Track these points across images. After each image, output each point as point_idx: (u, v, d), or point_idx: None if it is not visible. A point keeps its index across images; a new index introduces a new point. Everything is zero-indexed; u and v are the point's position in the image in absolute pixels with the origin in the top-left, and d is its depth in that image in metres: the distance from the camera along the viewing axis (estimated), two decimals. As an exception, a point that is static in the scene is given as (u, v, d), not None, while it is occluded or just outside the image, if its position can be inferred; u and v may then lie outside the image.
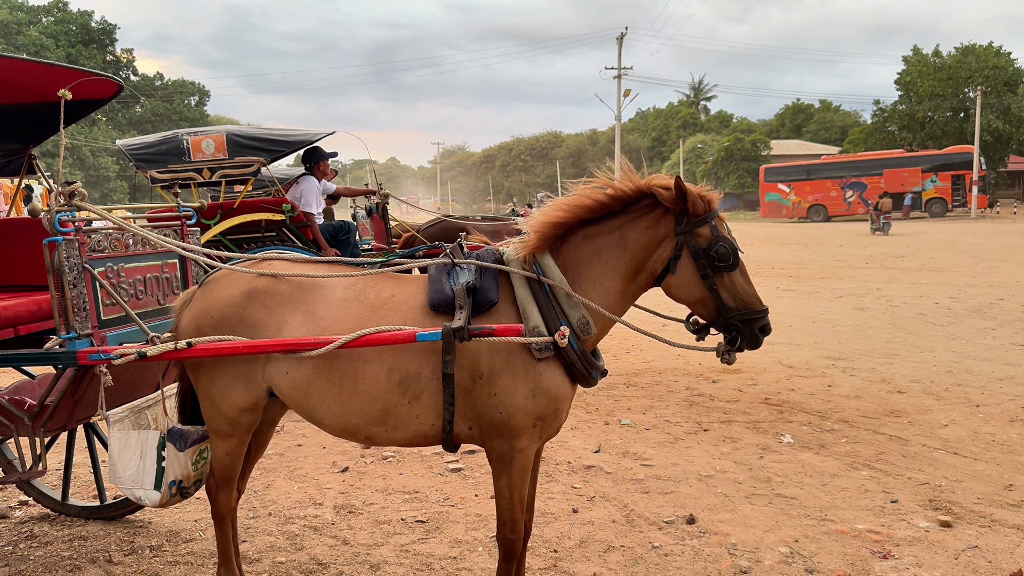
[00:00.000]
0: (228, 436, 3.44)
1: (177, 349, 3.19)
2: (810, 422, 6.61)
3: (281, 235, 7.25)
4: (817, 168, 50.24)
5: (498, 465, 3.25)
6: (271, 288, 3.34)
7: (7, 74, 3.86)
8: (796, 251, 25.42)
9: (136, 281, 3.70)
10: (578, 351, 3.15)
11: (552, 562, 4.21)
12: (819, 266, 20.00)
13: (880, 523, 4.62)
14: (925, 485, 5.18)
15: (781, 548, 4.33)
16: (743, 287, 3.19)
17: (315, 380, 3.22)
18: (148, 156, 7.03)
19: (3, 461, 4.91)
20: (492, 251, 3.36)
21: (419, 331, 3.05)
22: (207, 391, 3.40)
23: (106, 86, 4.25)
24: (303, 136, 7.47)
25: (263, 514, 4.93)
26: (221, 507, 3.58)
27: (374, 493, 5.23)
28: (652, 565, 4.17)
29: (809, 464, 5.61)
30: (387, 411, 3.21)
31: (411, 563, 4.22)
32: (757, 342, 3.22)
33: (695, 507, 4.89)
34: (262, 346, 3.17)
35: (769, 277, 18.00)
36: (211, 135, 7.00)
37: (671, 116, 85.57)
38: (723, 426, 6.55)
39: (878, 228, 32.73)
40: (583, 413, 6.99)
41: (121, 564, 4.23)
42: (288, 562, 4.24)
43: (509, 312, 3.20)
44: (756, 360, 9.03)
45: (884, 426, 6.44)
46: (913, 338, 10.07)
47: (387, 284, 3.39)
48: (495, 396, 3.13)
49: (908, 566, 4.08)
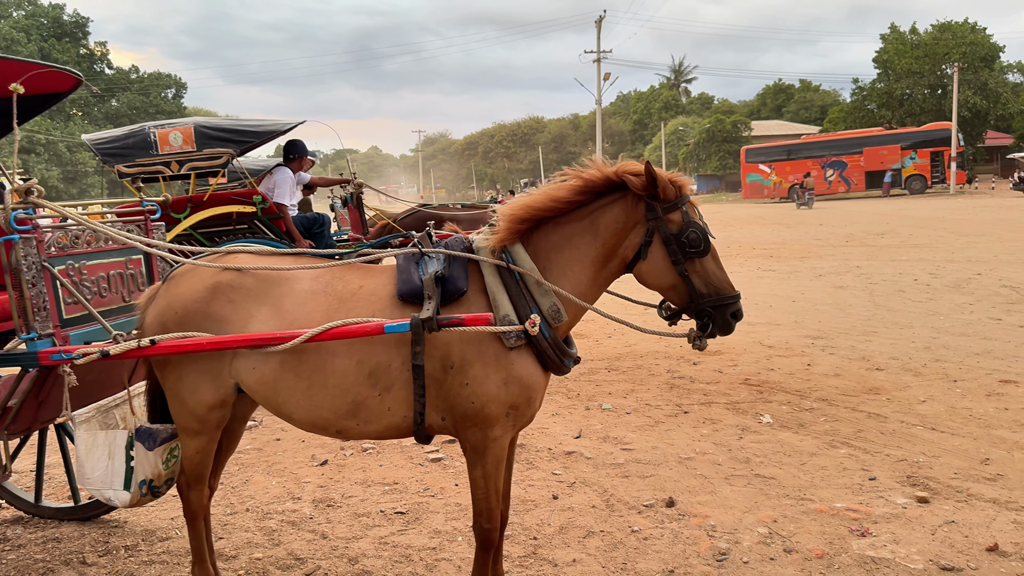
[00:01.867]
0: (197, 434, 3.39)
1: (140, 347, 3.13)
2: (789, 401, 6.63)
3: (253, 228, 7.16)
4: (797, 148, 50.39)
5: (472, 455, 3.23)
6: (236, 282, 3.28)
7: None
8: (777, 231, 25.50)
9: (99, 278, 3.63)
10: (550, 339, 3.12)
11: (532, 549, 4.20)
12: (800, 245, 20.07)
13: (858, 501, 4.63)
14: (903, 462, 5.20)
15: (760, 528, 4.33)
16: (715, 273, 3.17)
17: (283, 375, 3.18)
18: (114, 150, 6.91)
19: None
20: (461, 240, 3.32)
21: (387, 323, 3.01)
22: (174, 389, 3.35)
23: (64, 79, 4.17)
24: (273, 126, 7.37)
25: (240, 510, 4.88)
26: (193, 505, 3.53)
27: (353, 486, 5.19)
28: (631, 549, 4.16)
29: (788, 443, 5.62)
30: (358, 404, 3.17)
31: (390, 555, 4.20)
32: (729, 327, 3.20)
33: (675, 490, 4.89)
34: (227, 342, 3.11)
35: (750, 258, 18.05)
36: (179, 127, 6.90)
37: (652, 99, 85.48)
38: (703, 408, 6.55)
39: (803, 203, 38.43)
40: (564, 399, 6.98)
41: (95, 565, 4.18)
42: (265, 558, 4.20)
43: (479, 301, 3.16)
44: (736, 341, 9.03)
45: (863, 404, 6.47)
46: (892, 315, 10.12)
47: (355, 275, 3.34)
48: (467, 386, 3.10)
49: (886, 543, 4.10)
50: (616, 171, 3.17)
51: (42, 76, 3.94)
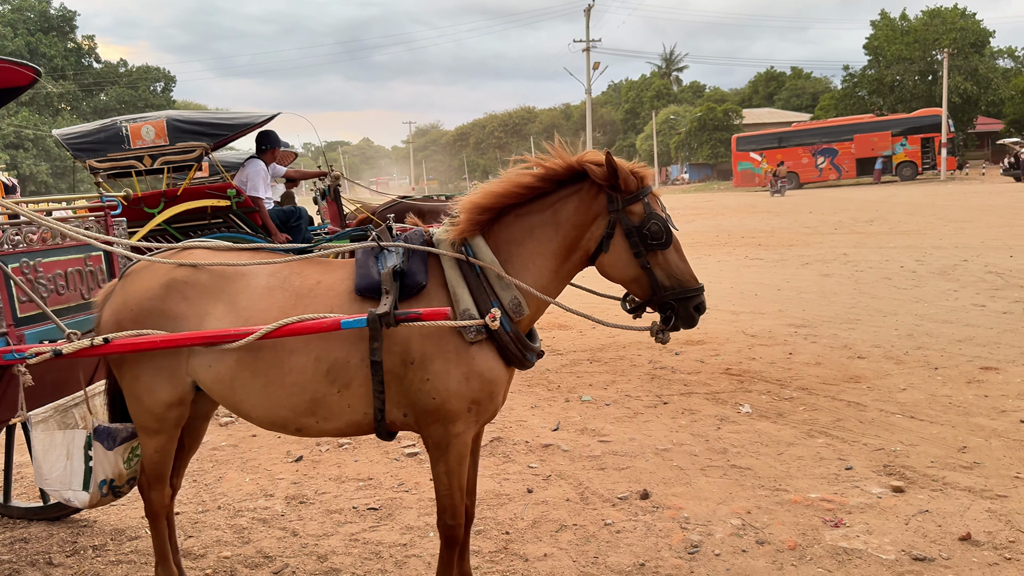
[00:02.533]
0: (156, 433, 3.34)
1: (94, 346, 3.07)
2: (769, 391, 6.60)
3: (228, 221, 7.08)
4: (788, 136, 50.34)
5: (435, 451, 3.18)
6: (191, 279, 3.22)
7: None
8: (767, 219, 25.48)
9: (56, 276, 3.57)
10: (511, 333, 3.08)
11: (503, 544, 4.16)
12: (788, 233, 20.05)
13: (833, 491, 4.61)
14: (880, 451, 5.18)
15: (733, 520, 4.30)
16: (677, 265, 3.13)
17: (239, 373, 3.12)
18: (86, 145, 6.82)
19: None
20: (421, 233, 3.26)
21: (344, 318, 2.96)
22: (131, 388, 3.29)
23: (21, 74, 4.08)
24: (247, 119, 7.29)
25: (212, 507, 4.84)
26: (154, 505, 3.49)
27: (327, 482, 5.15)
28: (603, 543, 4.13)
29: (766, 433, 5.59)
30: (316, 402, 3.12)
31: (359, 552, 4.16)
32: (692, 321, 3.16)
33: (650, 482, 4.86)
34: (180, 339, 3.06)
35: (738, 246, 18.03)
36: (151, 121, 6.81)
37: (644, 88, 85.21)
38: (683, 398, 6.52)
39: (776, 191, 40.92)
40: (544, 391, 6.94)
41: (62, 566, 4.13)
42: (233, 556, 4.16)
43: (439, 295, 3.11)
44: (719, 330, 9.02)
45: (843, 392, 6.44)
46: (877, 302, 10.10)
47: (314, 270, 3.29)
48: (428, 381, 3.05)
49: (859, 533, 4.07)
50: (578, 160, 3.12)
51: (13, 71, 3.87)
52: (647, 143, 72.06)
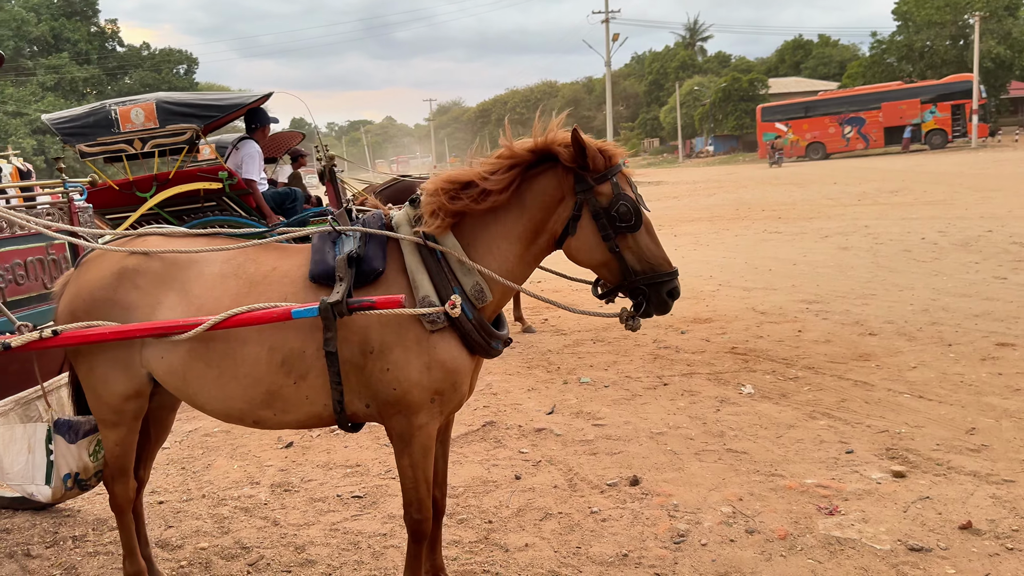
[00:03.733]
0: (115, 425, 3.25)
1: (43, 338, 2.98)
2: (774, 370, 6.41)
3: (222, 204, 6.99)
4: (815, 105, 49.37)
5: (399, 443, 3.06)
6: (142, 267, 3.11)
7: None
8: (789, 191, 25.01)
9: (15, 265, 3.49)
10: (474, 320, 2.93)
11: (485, 533, 4.05)
12: (810, 206, 19.65)
13: (831, 476, 4.44)
14: (884, 433, 4.99)
15: (724, 508, 4.15)
16: (649, 248, 2.95)
17: (192, 364, 3.02)
18: (75, 129, 6.74)
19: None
20: (380, 216, 3.12)
21: (295, 308, 2.83)
22: (87, 379, 3.20)
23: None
24: (238, 99, 7.16)
25: (197, 496, 4.77)
26: (119, 498, 3.40)
27: (315, 469, 5.07)
28: (587, 532, 4.01)
29: (766, 415, 5.42)
30: (272, 393, 3.01)
31: (338, 542, 4.07)
32: (665, 307, 3.00)
33: (641, 467, 4.72)
34: (129, 331, 2.95)
35: (757, 220, 17.69)
36: (140, 104, 6.70)
37: (668, 59, 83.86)
38: (684, 379, 6.35)
39: (774, 162, 43.52)
40: (543, 373, 6.81)
41: (40, 558, 4.08)
42: (210, 547, 4.09)
43: (399, 281, 2.98)
44: (729, 307, 8.82)
45: (850, 371, 6.24)
46: (894, 276, 9.82)
47: (270, 256, 3.16)
48: (388, 371, 2.92)
49: (853, 522, 3.91)
50: (545, 141, 2.96)
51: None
52: (671, 115, 71.09)
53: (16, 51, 50.63)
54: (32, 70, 51.01)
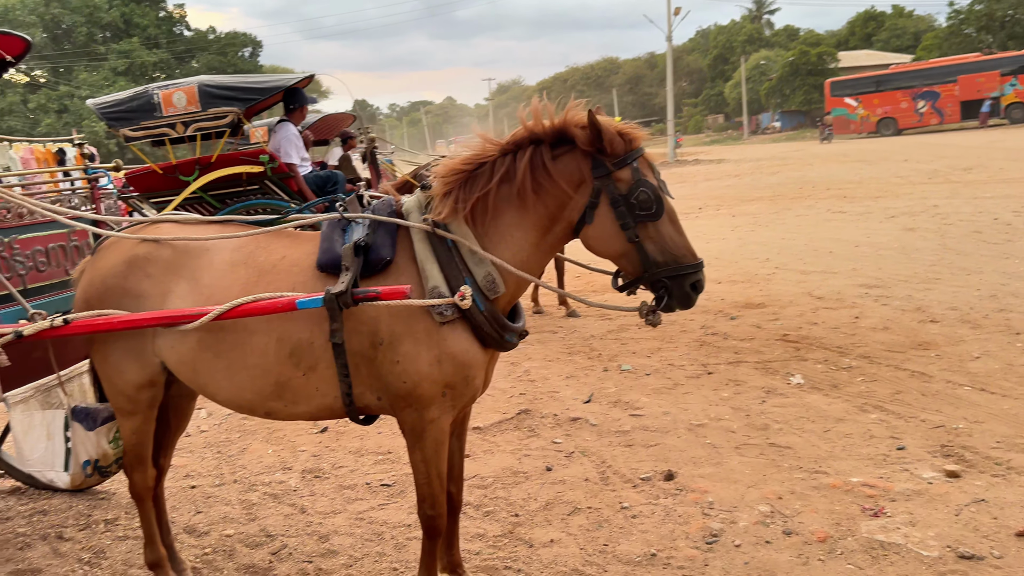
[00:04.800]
0: (131, 414, 3.23)
1: (54, 327, 2.96)
2: (827, 359, 6.13)
3: (264, 188, 6.99)
4: (887, 79, 47.44)
5: (410, 437, 2.97)
6: (153, 255, 3.07)
7: None
8: (856, 168, 24.10)
9: (36, 252, 3.48)
10: (486, 312, 2.80)
11: (510, 527, 3.94)
12: (877, 184, 18.88)
13: (879, 475, 4.19)
14: (940, 428, 4.70)
15: (762, 506, 3.96)
16: (672, 238, 2.77)
17: (201, 354, 2.97)
18: (119, 114, 6.80)
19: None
20: (390, 202, 3.01)
21: (300, 298, 2.75)
22: (102, 368, 3.19)
23: (13, 44, 3.98)
24: (279, 82, 7.13)
25: (229, 481, 4.78)
26: (137, 487, 3.39)
27: (346, 455, 5.03)
28: (616, 528, 3.86)
29: (814, 408, 5.17)
30: (282, 385, 2.94)
31: (362, 532, 4.01)
32: (689, 300, 2.81)
33: (677, 461, 4.54)
34: (138, 320, 2.91)
35: (821, 199, 17.09)
36: (182, 87, 6.72)
37: (733, 33, 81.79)
38: (730, 368, 6.12)
39: (825, 138, 44.43)
40: (584, 359, 6.65)
41: (71, 540, 4.12)
42: (236, 535, 4.08)
43: (409, 271, 2.87)
44: (784, 291, 8.50)
45: (908, 361, 5.92)
46: (961, 259, 9.32)
47: (280, 244, 3.09)
48: (398, 364, 2.83)
49: (899, 525, 3.67)
50: (562, 122, 2.80)
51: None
52: (736, 91, 69.43)
53: (89, 37, 52.07)
54: (104, 55, 52.43)
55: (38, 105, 44.75)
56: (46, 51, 48.42)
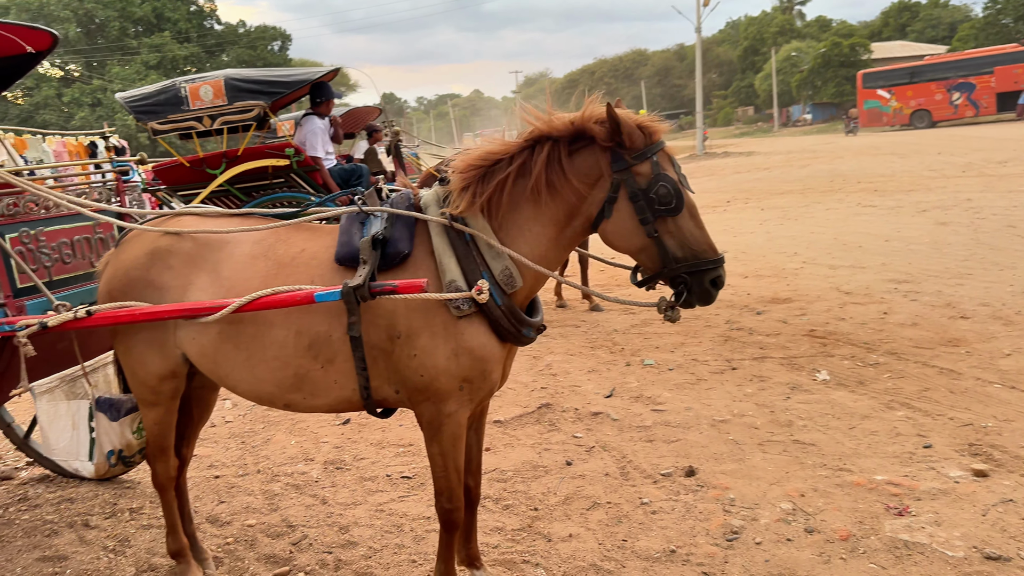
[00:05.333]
0: (153, 405, 3.27)
1: (77, 318, 3.00)
2: (854, 355, 6.04)
3: (290, 181, 7.03)
4: (921, 70, 46.58)
5: (428, 431, 2.98)
6: (174, 247, 3.10)
7: None
8: (888, 161, 23.73)
9: (61, 245, 3.53)
10: (504, 307, 2.80)
11: (528, 521, 3.94)
12: (909, 177, 18.56)
13: (904, 473, 4.13)
14: (968, 427, 4.62)
15: (784, 504, 3.92)
16: (692, 233, 2.74)
17: (222, 346, 2.99)
18: (147, 107, 6.88)
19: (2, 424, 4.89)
20: (408, 196, 3.01)
21: (318, 291, 2.76)
22: (125, 360, 3.23)
23: (41, 38, 4.03)
24: (304, 76, 7.17)
25: (252, 471, 4.83)
26: (160, 477, 3.43)
27: (368, 447, 5.06)
28: (635, 524, 3.84)
29: (840, 404, 5.10)
30: (300, 377, 2.96)
31: (382, 524, 4.03)
32: (709, 296, 2.78)
33: (699, 457, 4.51)
34: (158, 312, 2.94)
35: (852, 192, 16.85)
36: (209, 81, 6.78)
37: (764, 24, 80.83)
38: (755, 363, 6.06)
39: (849, 131, 44.66)
40: (606, 354, 6.61)
41: (97, 528, 4.18)
42: (257, 525, 4.12)
43: (426, 265, 2.86)
44: (811, 286, 8.39)
45: (937, 358, 5.82)
46: (994, 254, 9.13)
47: (300, 237, 3.10)
48: (415, 358, 2.83)
49: (924, 524, 3.61)
50: (580, 117, 2.78)
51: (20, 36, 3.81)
52: (766, 82, 68.62)
53: (121, 31, 52.74)
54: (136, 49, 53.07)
55: (72, 99, 45.43)
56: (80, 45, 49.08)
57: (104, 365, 3.77)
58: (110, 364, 3.81)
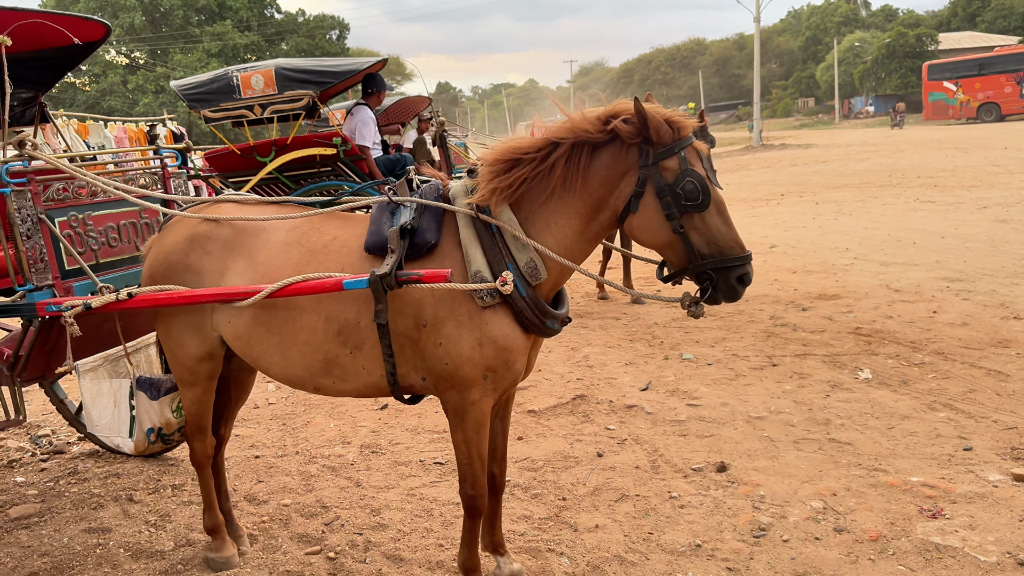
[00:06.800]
0: (191, 385, 3.38)
1: (119, 300, 3.12)
2: (899, 354, 5.92)
3: (336, 170, 7.15)
4: (990, 61, 45.02)
5: (453, 418, 3.03)
6: (212, 233, 3.20)
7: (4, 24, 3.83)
8: (951, 156, 23.05)
9: (108, 229, 3.66)
10: (528, 298, 2.82)
11: (556, 511, 3.97)
12: (972, 172, 18.02)
13: (941, 475, 4.05)
14: (1012, 430, 4.50)
15: (814, 502, 3.88)
16: (719, 230, 2.73)
17: (255, 330, 3.09)
18: (200, 95, 7.06)
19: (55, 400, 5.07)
20: (437, 186, 3.05)
21: (346, 278, 2.82)
22: (165, 341, 3.35)
23: (94, 29, 4.18)
24: (353, 66, 7.26)
25: (291, 452, 4.95)
26: (197, 455, 3.54)
27: (403, 432, 5.14)
28: (662, 518, 3.84)
29: (880, 404, 5.01)
30: (330, 362, 3.03)
31: (412, 508, 4.11)
32: (735, 293, 2.77)
33: (732, 453, 4.48)
34: (195, 296, 3.05)
35: (911, 187, 16.43)
36: (260, 70, 6.92)
37: (827, 13, 79.00)
38: (796, 360, 5.98)
39: (896, 124, 45.11)
40: (645, 347, 6.59)
41: (140, 503, 4.34)
42: (293, 504, 4.23)
43: (453, 255, 2.91)
44: (860, 283, 8.23)
45: (985, 359, 5.67)
46: (1055, 254, 8.84)
47: (332, 226, 3.17)
48: (440, 346, 2.88)
49: (957, 528, 3.54)
50: (607, 112, 2.79)
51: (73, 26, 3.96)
52: (828, 73, 67.13)
53: (185, 20, 53.91)
54: (199, 37, 54.22)
55: (136, 86, 46.65)
56: (144, 33, 50.33)
57: (147, 346, 3.91)
58: (152, 345, 3.96)
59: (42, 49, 4.25)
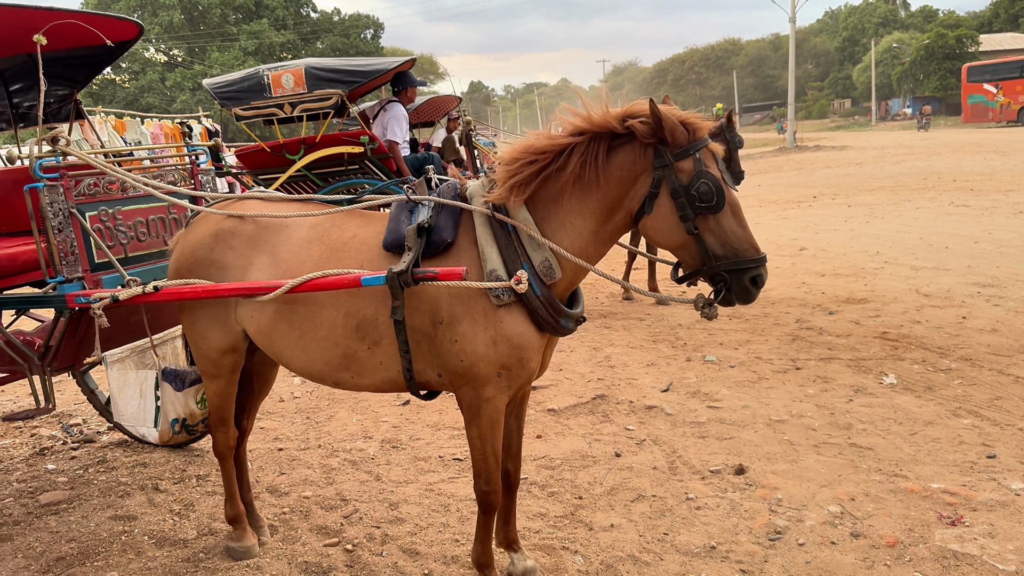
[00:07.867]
0: (215, 377, 3.46)
1: (145, 293, 3.20)
2: (925, 360, 5.86)
3: (364, 168, 7.23)
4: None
5: (467, 414, 3.06)
6: (236, 229, 3.27)
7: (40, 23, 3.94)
8: (989, 160, 22.65)
9: (137, 223, 3.75)
10: (543, 297, 2.85)
11: (572, 509, 3.99)
12: (1010, 177, 17.69)
13: (962, 482, 4.01)
14: (1038, 438, 4.44)
15: (832, 507, 3.86)
16: (733, 231, 2.74)
17: (277, 324, 3.15)
18: (231, 94, 7.17)
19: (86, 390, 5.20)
20: (454, 186, 3.09)
21: (364, 275, 2.88)
22: (190, 333, 3.43)
23: (128, 28, 4.27)
24: (382, 65, 7.33)
25: (313, 446, 5.02)
26: (220, 446, 3.62)
27: (424, 428, 5.19)
28: (678, 519, 3.85)
29: (904, 409, 4.96)
30: (348, 357, 3.09)
31: (430, 503, 4.15)
32: (749, 295, 2.78)
33: (751, 456, 4.47)
34: (219, 290, 3.12)
35: (946, 191, 16.17)
36: (290, 69, 7.02)
37: (866, 14, 78.00)
38: (820, 364, 5.94)
39: (922, 126, 45.58)
40: (667, 348, 6.58)
41: (165, 492, 4.44)
42: (314, 496, 4.29)
43: (470, 253, 2.95)
44: (889, 287, 8.14)
45: (1013, 366, 5.58)
46: (1092, 260, 8.67)
47: (352, 223, 3.23)
48: (456, 343, 2.92)
49: (976, 536, 3.51)
50: (623, 113, 2.81)
51: (107, 26, 4.06)
52: (865, 74, 66.26)
53: (222, 18, 54.66)
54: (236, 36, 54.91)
55: (174, 83, 47.36)
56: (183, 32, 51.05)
57: (173, 338, 4.00)
58: (178, 337, 4.04)
59: (76, 48, 4.36)
